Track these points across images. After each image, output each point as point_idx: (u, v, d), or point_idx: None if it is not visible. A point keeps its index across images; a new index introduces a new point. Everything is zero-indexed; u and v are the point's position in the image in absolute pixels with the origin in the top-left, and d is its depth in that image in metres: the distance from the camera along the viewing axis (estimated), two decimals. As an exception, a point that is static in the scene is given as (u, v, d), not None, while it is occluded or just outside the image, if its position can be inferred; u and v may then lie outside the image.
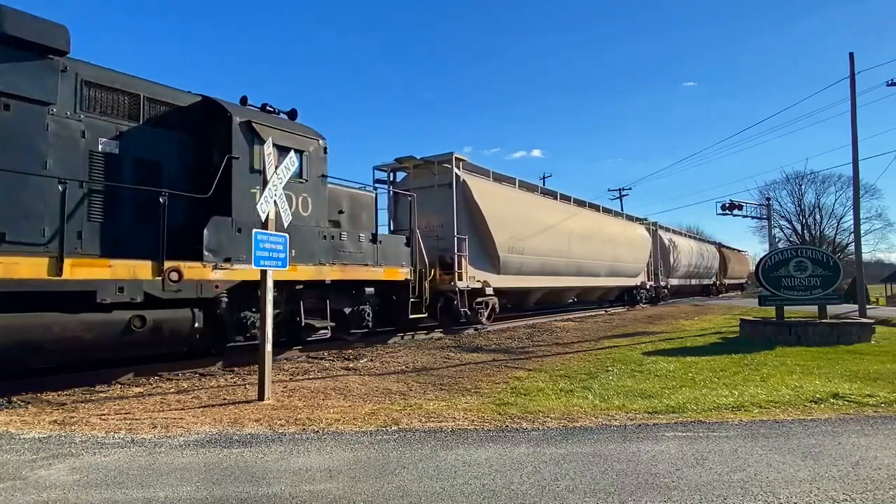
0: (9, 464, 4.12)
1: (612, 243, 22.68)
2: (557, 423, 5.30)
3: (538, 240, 17.18)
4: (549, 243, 17.88)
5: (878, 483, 3.66)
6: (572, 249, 19.30)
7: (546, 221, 17.99)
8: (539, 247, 17.16)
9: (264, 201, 6.49)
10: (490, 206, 15.05)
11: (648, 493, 3.49)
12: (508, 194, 17.00)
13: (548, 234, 17.85)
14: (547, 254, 17.74)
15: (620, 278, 23.99)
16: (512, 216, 16.03)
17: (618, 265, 23.20)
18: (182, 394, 6.95)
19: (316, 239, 9.85)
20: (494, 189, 16.22)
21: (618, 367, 8.77)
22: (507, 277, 15.77)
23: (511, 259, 15.79)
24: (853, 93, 19.67)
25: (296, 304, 9.70)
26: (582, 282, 20.58)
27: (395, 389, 7.22)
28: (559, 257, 18.55)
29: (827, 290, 12.48)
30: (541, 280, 17.80)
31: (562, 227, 18.91)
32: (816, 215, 61.06)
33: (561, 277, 18.95)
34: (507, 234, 15.49)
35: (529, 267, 16.82)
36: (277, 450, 4.47)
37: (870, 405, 6.00)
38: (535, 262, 17.09)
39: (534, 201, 18.39)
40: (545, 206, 18.80)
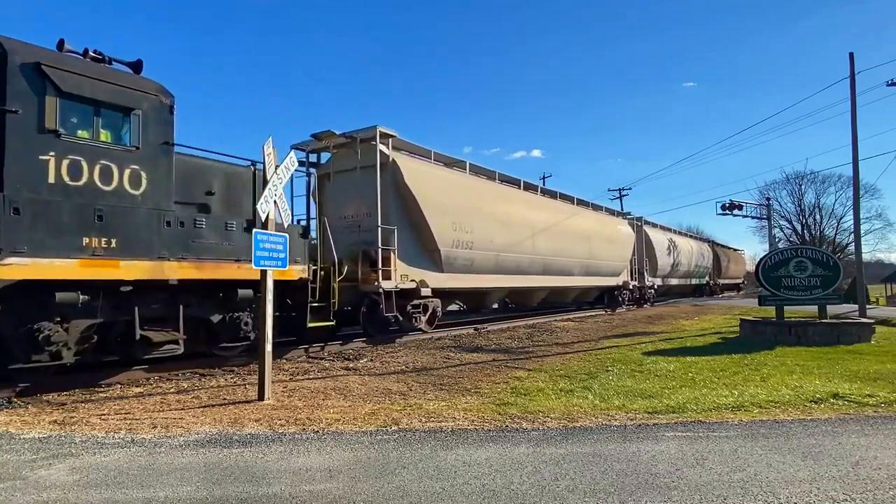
0: (9, 464, 4.12)
1: (588, 239, 20.40)
2: (557, 423, 5.30)
3: (493, 233, 14.85)
4: (509, 237, 15.56)
5: (878, 483, 3.66)
6: (537, 245, 17.01)
7: (505, 213, 15.66)
8: (495, 241, 14.89)
9: (264, 201, 6.49)
10: (428, 192, 12.71)
11: (648, 493, 3.49)
12: (454, 180, 14.54)
13: (507, 228, 15.55)
14: (505, 249, 15.42)
15: (598, 278, 21.76)
16: (458, 205, 13.63)
17: (595, 263, 20.98)
18: (182, 394, 6.96)
19: (154, 225, 7.42)
20: (435, 172, 13.89)
21: (618, 367, 8.77)
22: (453, 276, 13.56)
23: (457, 255, 13.48)
24: (853, 93, 19.67)
25: (128, 310, 7.43)
26: (551, 281, 18.37)
27: (395, 389, 7.22)
28: (521, 253, 16.24)
29: (827, 290, 12.48)
30: (498, 279, 15.53)
31: (524, 220, 16.58)
32: (816, 215, 61.11)
33: (524, 276, 16.74)
34: (450, 226, 13.20)
35: (483, 264, 14.56)
36: (277, 450, 4.47)
37: (870, 405, 6.00)
38: (489, 258, 14.84)
39: (489, 189, 15.91)
40: (505, 196, 16.39)
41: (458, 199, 13.85)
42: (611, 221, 23.71)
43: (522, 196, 17.53)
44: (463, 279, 14.05)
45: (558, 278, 18.76)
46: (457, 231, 13.44)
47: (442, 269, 13.18)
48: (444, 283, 13.23)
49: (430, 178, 13.29)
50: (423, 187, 12.66)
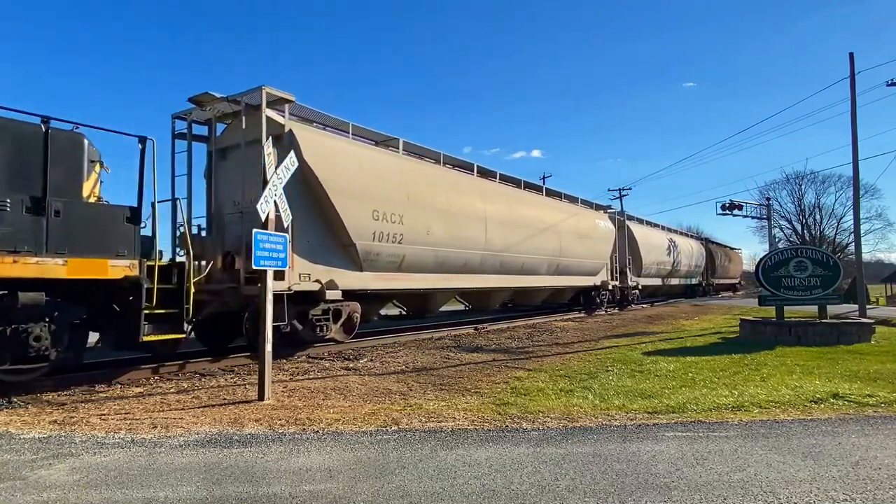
0: (9, 464, 4.12)
1: (558, 234, 18.03)
2: (557, 423, 5.30)
3: (433, 225, 12.46)
4: (454, 230, 13.13)
5: (878, 483, 3.66)
6: (493, 240, 14.57)
7: (450, 202, 13.24)
8: (434, 235, 12.48)
9: (264, 201, 6.49)
10: (338, 174, 10.33)
11: (648, 493, 3.49)
12: (379, 160, 11.84)
13: (452, 219, 13.10)
14: (448, 244, 12.96)
15: (571, 277, 19.48)
16: (383, 190, 11.22)
17: (566, 261, 18.62)
18: (182, 394, 6.96)
19: None
20: (351, 150, 11.20)
21: (618, 367, 8.77)
22: (379, 276, 11.37)
23: (380, 250, 11.14)
24: (853, 93, 19.67)
25: None
26: (511, 281, 16.06)
27: (395, 389, 7.22)
28: (471, 249, 13.81)
29: (827, 290, 12.48)
30: (442, 279, 13.08)
31: (476, 211, 14.14)
32: (816, 215, 61.08)
33: (476, 276, 14.37)
34: (369, 216, 10.86)
35: (418, 261, 12.21)
36: (277, 450, 4.47)
37: (870, 405, 6.00)
38: (427, 254, 12.39)
39: (430, 174, 13.28)
40: (451, 183, 13.88)
41: (384, 183, 11.39)
42: (587, 215, 21.13)
43: (476, 184, 15.03)
44: (391, 279, 11.76)
45: (521, 278, 16.50)
46: (380, 222, 11.06)
47: (361, 266, 10.90)
48: (367, 284, 10.99)
49: (342, 157, 10.69)
50: (332, 167, 10.25)
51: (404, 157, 12.85)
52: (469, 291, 15.21)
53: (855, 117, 19.61)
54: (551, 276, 18.24)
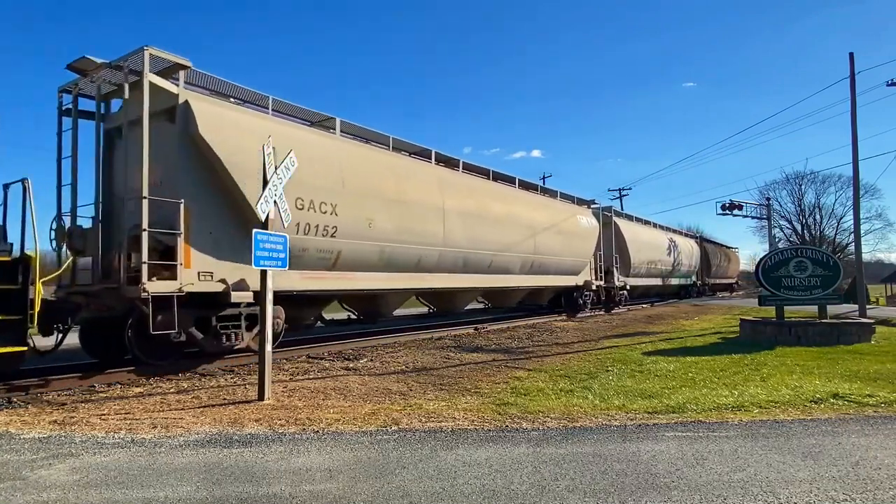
0: (9, 464, 4.12)
1: (532, 230, 16.54)
2: (557, 423, 5.30)
3: (376, 217, 10.96)
4: (404, 223, 11.62)
5: (878, 483, 3.66)
6: (454, 235, 13.07)
7: (399, 191, 11.70)
8: (378, 227, 11.00)
9: (264, 201, 6.50)
10: (246, 154, 8.45)
11: (648, 493, 3.49)
12: (308, 140, 10.15)
13: (401, 211, 11.61)
14: (397, 239, 11.45)
15: (549, 277, 18.03)
16: (310, 175, 9.43)
17: (543, 259, 17.18)
18: (182, 394, 6.96)
19: None
20: (262, 127, 9.14)
21: (618, 367, 8.77)
22: (305, 275, 9.79)
23: (307, 244, 9.62)
24: (853, 93, 19.67)
25: None
26: (477, 281, 14.51)
27: (395, 389, 7.22)
28: (426, 245, 12.33)
29: (827, 290, 12.48)
30: (388, 278, 11.60)
31: (433, 203, 12.60)
32: (816, 215, 61.01)
33: (434, 275, 12.84)
34: (291, 204, 8.72)
35: (357, 258, 10.62)
36: (277, 450, 4.47)
37: (870, 405, 6.00)
38: (369, 250, 10.88)
39: (374, 159, 11.62)
40: (402, 170, 12.25)
41: (312, 167, 9.52)
42: (567, 210, 19.61)
43: (434, 173, 13.45)
44: (323, 278, 10.09)
45: (490, 277, 15.05)
46: (306, 211, 9.48)
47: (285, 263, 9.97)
48: (291, 285, 9.40)
49: (253, 135, 8.67)
50: (239, 146, 8.56)
51: (342, 140, 11.19)
52: (427, 292, 13.85)
53: (855, 117, 19.62)
54: (526, 276, 16.80)
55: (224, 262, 8.64)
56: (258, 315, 8.50)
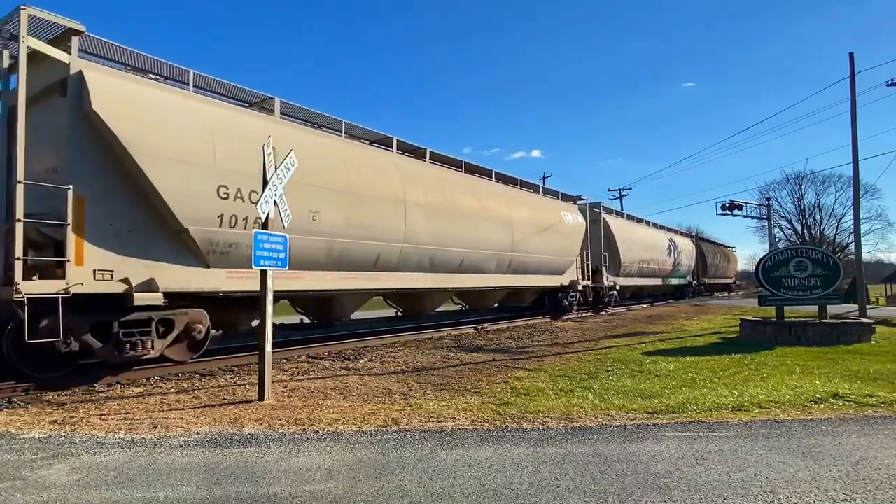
0: (9, 464, 4.12)
1: (509, 226, 15.34)
2: (557, 423, 5.30)
3: (323, 209, 9.81)
4: (355, 217, 10.42)
5: (878, 483, 3.66)
6: (414, 230, 11.88)
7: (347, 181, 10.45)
8: (325, 221, 9.85)
9: (264, 201, 6.50)
10: (154, 134, 7.57)
11: (648, 493, 3.49)
12: (234, 121, 8.94)
13: (351, 203, 10.37)
14: (347, 234, 10.27)
15: (530, 276, 16.89)
16: (234, 161, 8.41)
17: (522, 258, 16.02)
18: (182, 394, 6.96)
19: None
20: (178, 104, 8.23)
21: (618, 367, 8.77)
22: (235, 273, 8.63)
23: (236, 239, 8.46)
24: (853, 93, 19.67)
25: None
26: (446, 281, 13.34)
27: (395, 389, 7.22)
28: (383, 241, 11.19)
29: (827, 290, 12.48)
30: (337, 277, 10.43)
31: (389, 194, 11.42)
32: (816, 215, 60.96)
33: (393, 274, 11.74)
34: (210, 192, 8.11)
35: (299, 254, 9.11)
36: (277, 450, 4.47)
37: (870, 405, 6.00)
38: (313, 246, 9.72)
39: (314, 143, 10.31)
40: (348, 157, 10.90)
41: (241, 151, 8.50)
42: (550, 206, 18.47)
43: (395, 162, 12.24)
44: (255, 277, 7.94)
45: (462, 277, 13.83)
46: (232, 201, 8.36)
47: (206, 261, 8.27)
48: (217, 284, 8.40)
49: (164, 113, 7.82)
50: (145, 125, 7.52)
51: (282, 123, 10.03)
52: (390, 293, 12.71)
53: (855, 117, 19.63)
54: (504, 276, 15.65)
55: (129, 258, 7.49)
56: (175, 320, 8.01)
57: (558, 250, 18.18)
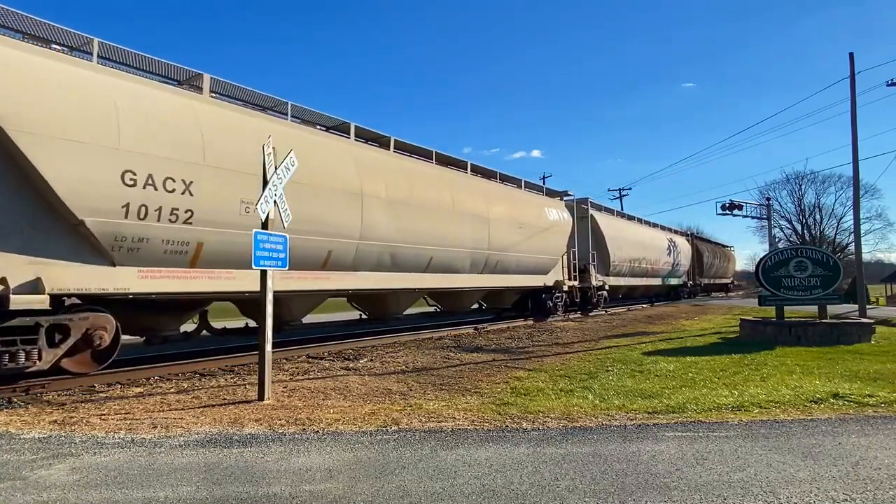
0: (9, 464, 4.12)
1: (485, 223, 14.34)
2: (557, 423, 5.30)
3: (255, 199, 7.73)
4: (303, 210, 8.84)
5: (878, 483, 3.66)
6: (373, 226, 10.82)
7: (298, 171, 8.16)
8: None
9: (264, 201, 6.50)
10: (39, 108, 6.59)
11: (648, 493, 3.49)
12: (148, 98, 7.81)
13: (297, 194, 8.51)
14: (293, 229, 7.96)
15: (510, 276, 15.89)
16: (144, 142, 7.38)
17: (500, 257, 14.99)
18: (182, 394, 6.96)
19: None
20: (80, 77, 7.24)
21: (618, 366, 8.77)
22: (148, 273, 7.62)
23: (147, 233, 7.41)
24: (853, 93, 19.68)
25: None
26: (414, 281, 12.34)
27: (395, 389, 7.22)
28: (336, 237, 10.09)
29: (827, 290, 12.48)
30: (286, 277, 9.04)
31: (342, 185, 10.28)
32: (816, 215, 61.01)
33: (348, 273, 10.62)
34: (113, 178, 7.04)
35: (228, 251, 8.36)
36: (277, 450, 4.47)
37: (870, 405, 6.00)
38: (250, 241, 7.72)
39: (250, 126, 9.03)
40: (293, 142, 9.04)
41: (154, 132, 7.52)
42: (533, 202, 17.52)
43: (349, 150, 11.04)
44: (173, 276, 7.84)
45: (431, 277, 12.81)
46: (141, 189, 7.24)
47: (111, 258, 7.24)
48: (125, 284, 7.38)
49: (55, 85, 6.84)
50: (29, 98, 6.54)
51: (213, 103, 8.90)
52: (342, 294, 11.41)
53: (855, 117, 19.63)
54: (480, 275, 14.63)
55: (9, 255, 6.47)
56: (71, 326, 7.02)
57: (541, 249, 17.15)
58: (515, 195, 16.92)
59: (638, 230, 27.65)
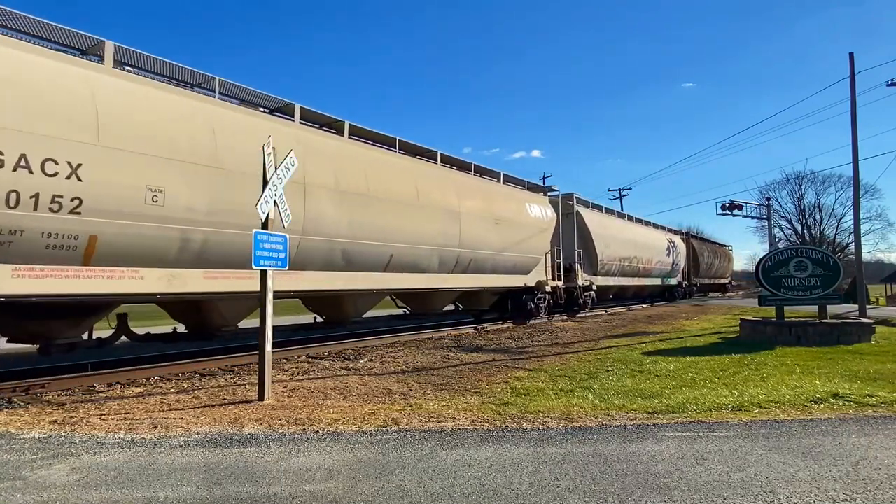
0: (9, 464, 4.12)
1: (456, 218, 13.20)
2: (557, 423, 5.30)
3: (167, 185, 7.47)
4: (225, 199, 8.14)
5: (878, 483, 3.66)
6: (317, 219, 9.57)
7: (212, 153, 8.12)
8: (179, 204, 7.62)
9: (264, 201, 6.50)
10: None
11: (648, 493, 3.49)
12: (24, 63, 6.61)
13: (220, 181, 8.11)
14: (216, 222, 8.04)
15: (485, 276, 14.76)
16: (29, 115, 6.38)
17: (472, 255, 13.80)
18: (182, 394, 6.96)
19: None
20: None
21: (618, 366, 8.77)
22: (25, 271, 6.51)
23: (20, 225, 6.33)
24: (853, 93, 19.67)
25: None
26: (368, 281, 11.04)
27: (395, 389, 7.22)
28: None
29: (827, 290, 12.48)
30: (208, 277, 8.24)
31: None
32: (816, 215, 61.02)
33: (294, 274, 9.22)
34: None
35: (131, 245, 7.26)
36: (277, 450, 4.47)
37: (870, 405, 6.00)
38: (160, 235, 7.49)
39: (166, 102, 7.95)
40: (217, 122, 8.44)
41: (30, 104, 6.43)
42: (511, 196, 16.37)
43: (293, 134, 9.70)
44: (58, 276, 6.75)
45: (391, 276, 11.63)
46: (12, 171, 6.17)
47: None
48: None
49: None
50: None
51: (116, 74, 7.65)
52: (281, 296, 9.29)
53: (855, 117, 19.62)
54: (451, 275, 13.43)
55: None
56: None
57: (521, 246, 15.98)
58: (492, 189, 15.75)
59: (629, 228, 26.54)
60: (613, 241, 23.31)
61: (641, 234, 27.62)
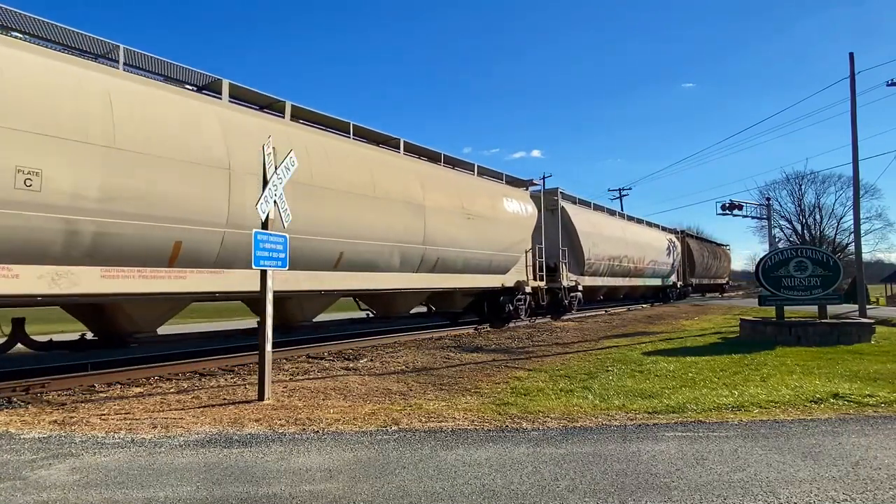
0: (9, 464, 4.12)
1: (420, 212, 12.14)
2: (557, 423, 5.30)
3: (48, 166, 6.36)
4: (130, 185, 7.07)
5: (878, 483, 3.66)
6: (243, 209, 8.25)
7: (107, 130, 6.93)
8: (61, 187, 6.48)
9: (264, 201, 6.49)
10: None
11: (648, 493, 3.49)
12: None
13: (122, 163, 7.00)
14: (116, 212, 6.93)
15: (457, 276, 13.61)
16: None
17: (439, 253, 12.70)
18: (182, 394, 6.96)
19: None
20: None
21: (618, 366, 8.77)
22: None
23: None
24: (853, 93, 19.67)
25: None
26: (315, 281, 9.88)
27: (395, 389, 7.22)
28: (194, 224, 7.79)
29: (827, 290, 12.48)
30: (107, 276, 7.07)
31: (202, 157, 7.96)
32: (816, 215, 60.98)
33: (214, 272, 8.25)
34: None
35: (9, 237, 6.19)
36: (277, 450, 4.47)
37: (870, 405, 6.00)
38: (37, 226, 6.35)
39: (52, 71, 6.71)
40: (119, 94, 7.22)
41: None
42: (486, 189, 15.31)
43: (215, 113, 8.53)
44: None
45: (343, 276, 10.48)
46: None
47: None
48: None
49: None
50: None
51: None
52: (203, 297, 8.62)
53: (855, 117, 19.62)
54: (416, 275, 12.32)
55: None
56: None
57: (498, 244, 14.81)
58: (463, 181, 14.51)
59: (619, 225, 25.26)
60: (602, 239, 22.25)
61: (633, 232, 26.55)
